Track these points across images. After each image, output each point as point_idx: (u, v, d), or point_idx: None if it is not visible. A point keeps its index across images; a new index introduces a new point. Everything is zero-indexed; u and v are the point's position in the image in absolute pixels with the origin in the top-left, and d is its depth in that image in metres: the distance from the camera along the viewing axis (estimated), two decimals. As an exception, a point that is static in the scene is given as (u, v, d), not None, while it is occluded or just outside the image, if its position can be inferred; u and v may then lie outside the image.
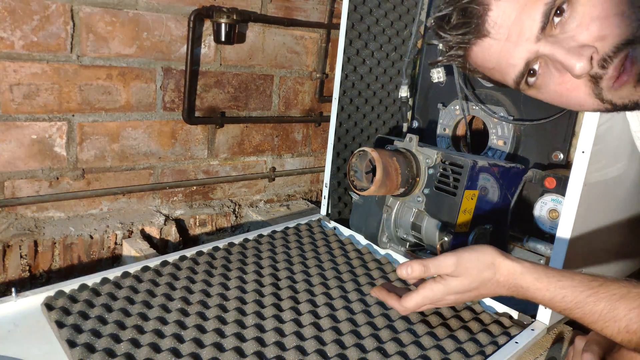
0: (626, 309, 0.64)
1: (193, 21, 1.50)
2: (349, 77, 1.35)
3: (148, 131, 1.57)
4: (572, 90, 0.62)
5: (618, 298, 0.65)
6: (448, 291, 0.78)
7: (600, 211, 1.01)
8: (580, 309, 0.68)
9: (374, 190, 1.05)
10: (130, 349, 0.82)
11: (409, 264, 0.78)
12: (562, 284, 0.70)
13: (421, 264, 0.78)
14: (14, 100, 1.32)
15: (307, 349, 0.84)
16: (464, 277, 0.76)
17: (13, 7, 1.27)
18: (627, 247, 1.20)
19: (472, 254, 0.76)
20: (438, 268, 0.77)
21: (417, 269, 0.78)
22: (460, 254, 0.76)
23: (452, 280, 0.77)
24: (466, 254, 0.76)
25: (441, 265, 0.77)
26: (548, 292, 0.71)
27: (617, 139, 0.96)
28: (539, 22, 0.59)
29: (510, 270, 0.74)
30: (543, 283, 0.72)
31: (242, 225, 1.83)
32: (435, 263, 0.77)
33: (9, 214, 1.40)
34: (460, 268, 0.76)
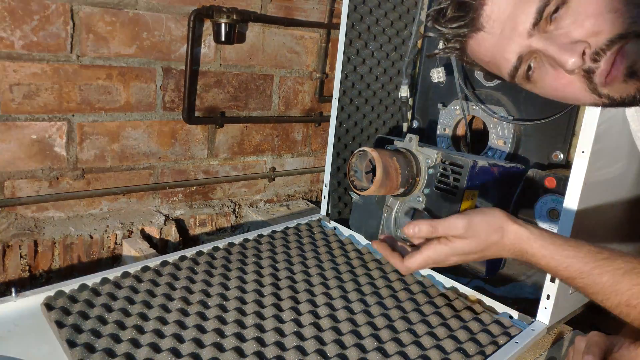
0: (630, 283, 0.65)
1: (193, 21, 1.50)
2: (349, 77, 1.35)
3: (148, 131, 1.57)
4: (567, 86, 0.62)
5: (623, 272, 0.66)
6: (453, 253, 0.77)
7: (600, 211, 1.01)
8: (584, 279, 0.68)
9: (374, 190, 1.05)
10: (130, 349, 0.82)
11: (417, 224, 0.77)
12: (567, 253, 0.71)
13: (430, 225, 0.76)
14: (14, 100, 1.32)
15: (307, 349, 0.84)
16: (471, 239, 0.75)
17: (13, 7, 1.27)
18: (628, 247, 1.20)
19: (483, 217, 0.76)
20: (447, 230, 0.76)
21: (425, 229, 0.77)
22: (471, 216, 0.76)
23: (459, 242, 0.76)
24: (477, 217, 0.76)
25: (450, 227, 0.76)
26: (553, 260, 0.71)
27: (617, 139, 0.96)
28: (532, 18, 0.59)
29: (517, 234, 0.74)
30: (549, 250, 0.72)
31: (242, 225, 1.83)
32: (445, 225, 0.76)
33: (9, 214, 1.40)
34: (469, 231, 0.75)
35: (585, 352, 0.77)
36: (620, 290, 0.65)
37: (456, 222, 0.76)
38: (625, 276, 0.65)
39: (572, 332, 1.02)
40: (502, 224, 0.75)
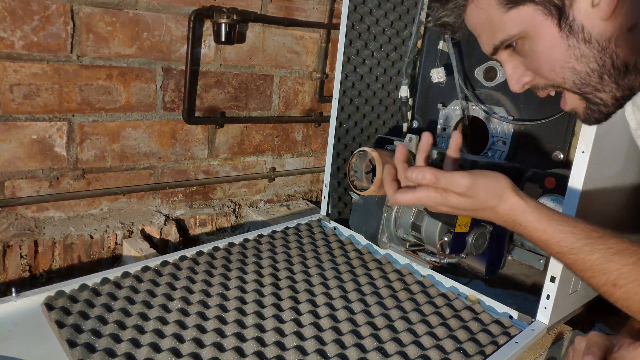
0: (619, 263, 0.66)
1: (193, 21, 1.50)
2: (349, 77, 1.35)
3: (148, 131, 1.57)
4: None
5: (614, 252, 0.67)
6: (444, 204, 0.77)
7: (600, 211, 1.01)
8: (574, 255, 0.69)
9: (374, 190, 1.05)
10: (130, 348, 0.82)
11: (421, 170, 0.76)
12: (562, 228, 0.71)
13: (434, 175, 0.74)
14: (14, 100, 1.32)
15: (307, 348, 0.84)
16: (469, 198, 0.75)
17: (13, 7, 1.27)
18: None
19: (487, 181, 0.75)
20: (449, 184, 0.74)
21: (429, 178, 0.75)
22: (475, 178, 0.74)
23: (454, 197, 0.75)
24: (481, 179, 0.74)
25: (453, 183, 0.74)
26: (545, 234, 0.72)
27: (616, 139, 0.96)
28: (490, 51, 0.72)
29: (514, 205, 0.74)
30: (542, 224, 0.72)
31: (242, 225, 1.83)
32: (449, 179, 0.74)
33: (9, 214, 1.40)
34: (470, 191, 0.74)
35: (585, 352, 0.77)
36: (609, 269, 0.66)
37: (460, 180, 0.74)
38: (616, 255, 0.66)
39: (572, 332, 1.02)
40: (502, 192, 0.75)
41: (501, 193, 0.75)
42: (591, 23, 0.64)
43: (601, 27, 0.64)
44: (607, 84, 0.67)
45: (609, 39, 0.64)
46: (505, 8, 0.67)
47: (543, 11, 0.65)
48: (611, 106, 0.69)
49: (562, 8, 0.64)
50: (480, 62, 1.27)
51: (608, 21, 0.63)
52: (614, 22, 0.63)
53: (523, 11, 0.66)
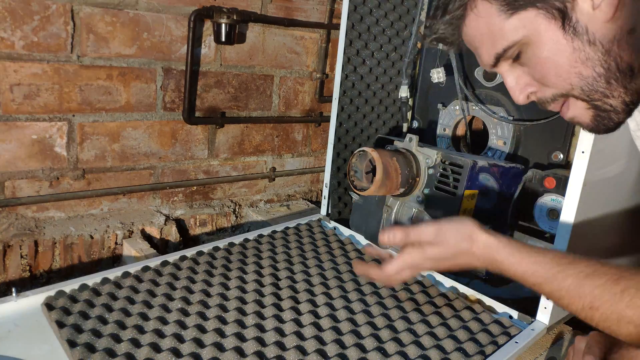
0: (591, 286, 0.66)
1: (193, 21, 1.50)
2: (349, 77, 1.35)
3: (148, 131, 1.57)
4: None
5: (584, 276, 0.67)
6: (425, 257, 0.81)
7: (600, 211, 1.01)
8: (549, 284, 0.70)
9: (374, 190, 1.05)
10: (130, 348, 0.82)
11: (391, 230, 0.82)
12: (533, 259, 0.72)
13: (403, 231, 0.82)
14: (14, 100, 1.32)
15: (307, 348, 0.85)
16: (441, 245, 0.79)
17: (13, 7, 1.27)
18: (627, 247, 1.20)
19: (452, 224, 0.79)
20: (419, 235, 0.81)
21: (399, 235, 0.82)
22: (440, 224, 0.80)
23: (430, 248, 0.80)
24: (446, 224, 0.80)
25: (422, 233, 0.80)
26: (520, 267, 0.73)
27: (616, 139, 0.96)
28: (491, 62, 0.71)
29: (486, 243, 0.76)
30: (515, 258, 0.74)
31: (242, 225, 1.83)
32: (416, 231, 0.81)
33: (10, 214, 1.40)
34: (439, 237, 0.79)
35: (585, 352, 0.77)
36: (583, 293, 0.66)
37: (426, 229, 0.80)
38: (587, 279, 0.66)
39: (572, 332, 1.02)
40: (471, 233, 0.78)
41: (469, 234, 0.78)
42: (594, 25, 0.63)
43: (604, 29, 0.63)
44: (615, 88, 0.66)
45: (612, 41, 0.64)
46: (506, 14, 0.66)
47: (545, 15, 0.64)
48: (621, 112, 0.68)
49: (565, 11, 0.64)
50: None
51: (610, 23, 0.63)
52: (615, 24, 0.63)
53: (525, 16, 0.65)
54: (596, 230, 1.02)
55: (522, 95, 0.72)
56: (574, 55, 0.65)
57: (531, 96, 0.72)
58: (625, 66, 0.65)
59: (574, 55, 0.65)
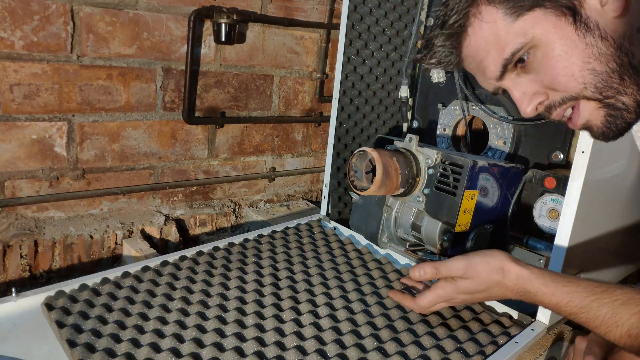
0: (628, 314, 0.66)
1: (193, 21, 1.50)
2: (349, 77, 1.35)
3: (148, 131, 1.57)
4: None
5: (620, 304, 0.67)
6: (458, 290, 0.83)
7: (600, 211, 1.01)
8: (585, 313, 0.70)
9: (374, 190, 1.05)
10: (130, 349, 0.82)
11: (421, 267, 0.84)
12: (567, 289, 0.73)
13: (433, 267, 0.83)
14: (14, 100, 1.32)
15: (307, 348, 0.84)
16: (473, 279, 0.80)
17: (13, 7, 1.27)
18: (627, 247, 1.20)
19: (482, 257, 0.80)
20: (449, 270, 0.82)
21: (430, 271, 0.83)
22: (470, 257, 0.81)
23: (462, 282, 0.82)
24: (476, 257, 0.80)
25: (452, 268, 0.82)
26: (554, 297, 0.74)
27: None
28: (498, 71, 0.68)
29: (518, 275, 0.77)
30: (549, 288, 0.74)
31: (242, 225, 1.83)
32: (447, 266, 0.82)
33: (9, 214, 1.40)
34: (470, 271, 0.80)
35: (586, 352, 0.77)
36: (620, 321, 0.66)
37: (456, 264, 0.81)
38: (623, 307, 0.66)
39: (572, 332, 1.02)
40: (502, 265, 0.79)
41: (500, 266, 0.79)
42: (604, 21, 0.62)
43: (614, 24, 0.62)
44: (628, 85, 0.64)
45: (622, 36, 0.62)
46: (512, 17, 0.64)
47: (555, 13, 0.63)
48: (633, 112, 0.66)
49: (574, 7, 0.62)
50: (480, 62, 1.27)
51: (619, 19, 0.62)
52: (625, 20, 0.62)
53: (533, 17, 0.63)
54: (596, 230, 1.02)
55: (531, 106, 0.69)
56: (587, 51, 0.62)
57: (539, 107, 0.70)
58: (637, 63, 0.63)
59: (587, 51, 0.62)
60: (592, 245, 1.03)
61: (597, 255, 1.09)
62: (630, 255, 1.22)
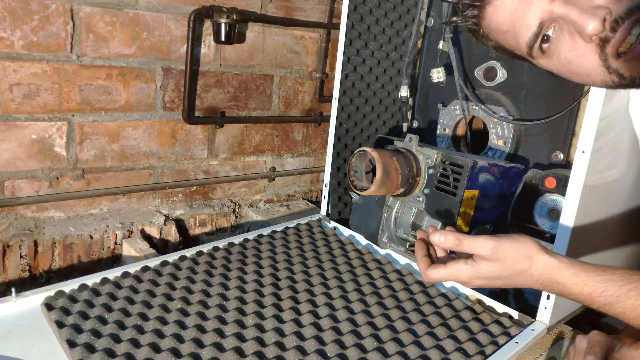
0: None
1: (193, 21, 1.50)
2: (349, 77, 1.35)
3: (148, 131, 1.57)
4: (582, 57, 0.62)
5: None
6: (477, 275, 0.75)
7: (601, 211, 1.01)
8: (622, 303, 0.66)
9: (374, 190, 1.05)
10: (130, 349, 0.82)
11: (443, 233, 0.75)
12: (601, 277, 0.68)
13: (456, 237, 0.74)
14: (14, 100, 1.32)
15: (307, 349, 0.84)
16: (497, 263, 0.73)
17: (13, 7, 1.27)
18: (628, 247, 1.20)
19: (513, 242, 0.73)
20: (473, 248, 0.74)
21: (451, 240, 0.74)
22: (499, 240, 0.73)
23: (484, 265, 0.74)
24: (506, 242, 0.73)
25: (477, 247, 0.73)
26: (587, 287, 0.69)
27: (617, 139, 0.96)
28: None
29: (547, 264, 0.72)
30: (581, 277, 0.70)
31: (242, 225, 1.83)
32: (472, 242, 0.74)
33: (9, 214, 1.40)
34: (496, 254, 0.73)
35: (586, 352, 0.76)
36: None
37: (483, 242, 0.73)
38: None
39: (573, 331, 1.02)
40: (531, 253, 0.73)
41: (530, 254, 0.73)
42: None
43: None
44: None
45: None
46: None
47: None
48: None
49: None
50: (480, 62, 1.27)
51: None
52: None
53: None
54: (597, 230, 1.02)
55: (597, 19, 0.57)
56: None
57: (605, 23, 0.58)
58: None
59: None
60: (592, 246, 1.03)
61: (597, 256, 1.08)
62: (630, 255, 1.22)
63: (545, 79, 1.16)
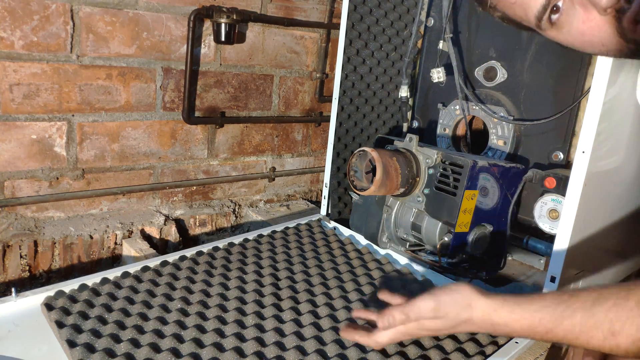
0: (603, 310, 0.60)
1: (193, 21, 1.50)
2: (349, 77, 1.35)
3: (148, 131, 1.57)
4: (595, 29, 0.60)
5: (591, 304, 0.62)
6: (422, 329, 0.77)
7: (600, 211, 1.01)
8: (560, 326, 0.64)
9: (374, 190, 1.05)
10: (130, 349, 0.82)
11: (390, 314, 0.77)
12: (534, 307, 0.67)
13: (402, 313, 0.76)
14: (14, 100, 1.32)
15: (307, 349, 0.84)
16: (441, 319, 0.75)
17: (13, 7, 1.27)
18: (628, 247, 1.20)
19: (450, 295, 0.74)
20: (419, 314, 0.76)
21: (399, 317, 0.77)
22: (438, 298, 0.75)
23: (428, 322, 0.76)
24: (444, 296, 0.75)
25: (421, 312, 0.75)
26: (525, 320, 0.68)
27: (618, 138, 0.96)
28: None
29: (484, 309, 0.72)
30: (517, 313, 0.68)
31: (242, 225, 1.83)
32: (415, 310, 0.76)
33: (9, 214, 1.40)
34: (439, 312, 0.74)
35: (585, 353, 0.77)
36: (598, 321, 0.60)
37: (425, 306, 0.75)
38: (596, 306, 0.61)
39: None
40: (469, 301, 0.73)
41: (468, 302, 0.73)
42: None
43: None
44: None
45: None
46: None
47: None
48: None
49: None
50: (480, 62, 1.27)
51: None
52: None
53: None
54: (597, 230, 1.02)
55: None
56: None
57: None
58: None
59: None
60: (592, 245, 1.03)
61: (597, 255, 1.09)
62: (630, 255, 1.22)
63: (545, 79, 1.16)
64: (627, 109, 0.95)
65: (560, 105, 1.12)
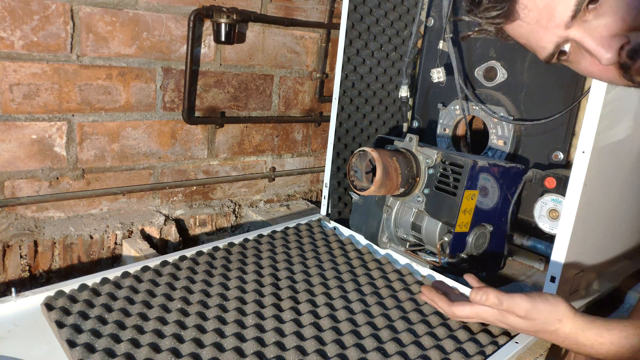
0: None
1: (193, 21, 1.50)
2: (349, 77, 1.35)
3: (148, 131, 1.57)
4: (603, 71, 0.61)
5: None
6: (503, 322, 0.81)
7: (601, 211, 1.01)
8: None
9: (374, 190, 1.05)
10: (130, 349, 0.82)
11: (485, 292, 0.81)
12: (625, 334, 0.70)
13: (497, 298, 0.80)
14: (14, 100, 1.32)
15: (307, 349, 0.84)
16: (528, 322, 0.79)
17: (13, 7, 1.27)
18: (627, 247, 1.20)
19: (546, 305, 0.78)
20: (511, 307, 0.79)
21: (492, 300, 0.80)
22: (535, 302, 0.78)
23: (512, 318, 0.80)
24: (541, 304, 0.78)
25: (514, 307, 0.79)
26: (613, 346, 0.70)
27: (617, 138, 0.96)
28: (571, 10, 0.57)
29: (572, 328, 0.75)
30: (605, 338, 0.71)
31: (242, 225, 1.83)
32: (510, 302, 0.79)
33: (9, 214, 1.40)
34: (530, 315, 0.78)
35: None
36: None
37: (521, 303, 0.78)
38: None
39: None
40: (562, 316, 0.76)
41: (560, 317, 0.76)
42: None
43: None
44: None
45: None
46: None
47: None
48: None
49: None
50: (480, 62, 1.27)
51: None
52: None
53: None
54: (597, 230, 1.02)
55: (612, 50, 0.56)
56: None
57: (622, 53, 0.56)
58: None
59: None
60: (593, 245, 1.03)
61: (597, 255, 1.08)
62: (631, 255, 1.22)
63: (545, 79, 1.16)
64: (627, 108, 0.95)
65: (560, 105, 1.12)
